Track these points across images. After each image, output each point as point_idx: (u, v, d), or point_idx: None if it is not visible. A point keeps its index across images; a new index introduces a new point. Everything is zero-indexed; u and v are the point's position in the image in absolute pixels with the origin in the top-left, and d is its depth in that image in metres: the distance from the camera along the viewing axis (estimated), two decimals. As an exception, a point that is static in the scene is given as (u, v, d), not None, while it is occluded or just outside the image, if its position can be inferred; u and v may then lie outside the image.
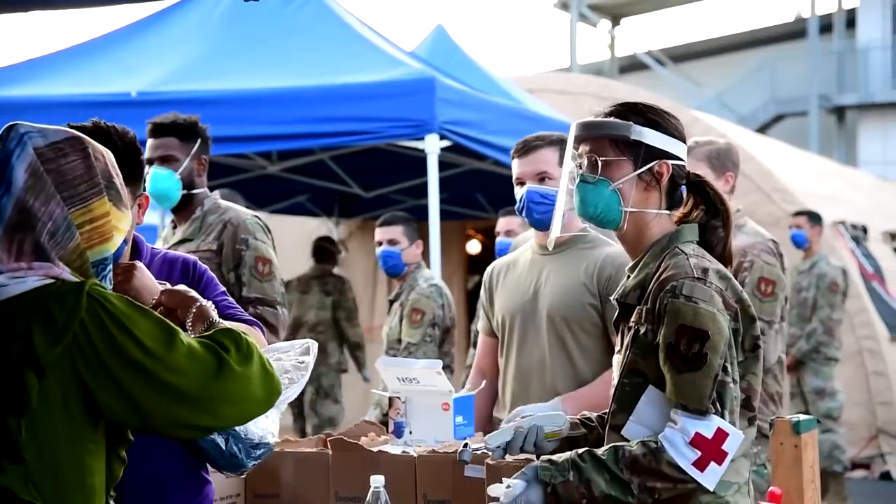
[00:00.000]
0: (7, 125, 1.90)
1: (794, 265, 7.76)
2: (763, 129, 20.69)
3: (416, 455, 2.86)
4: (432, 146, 5.78)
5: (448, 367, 5.25)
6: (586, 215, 2.34)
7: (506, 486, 2.21)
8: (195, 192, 3.93)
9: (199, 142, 3.92)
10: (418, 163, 6.41)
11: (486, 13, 56.57)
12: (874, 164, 19.92)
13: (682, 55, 24.83)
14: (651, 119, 2.31)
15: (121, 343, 1.79)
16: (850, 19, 22.94)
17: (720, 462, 2.15)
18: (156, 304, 2.18)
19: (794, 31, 23.91)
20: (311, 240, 8.57)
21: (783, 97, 22.21)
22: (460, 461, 2.40)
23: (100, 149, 1.95)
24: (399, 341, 5.44)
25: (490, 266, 3.54)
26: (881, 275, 10.34)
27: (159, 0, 6.46)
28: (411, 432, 3.11)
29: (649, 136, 2.29)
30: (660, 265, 2.26)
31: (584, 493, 2.17)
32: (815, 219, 8.01)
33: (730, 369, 2.17)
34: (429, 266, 5.79)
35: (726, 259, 2.34)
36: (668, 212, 2.33)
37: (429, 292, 5.43)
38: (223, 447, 2.37)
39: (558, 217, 2.45)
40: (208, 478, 2.67)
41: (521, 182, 3.31)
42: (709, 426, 2.13)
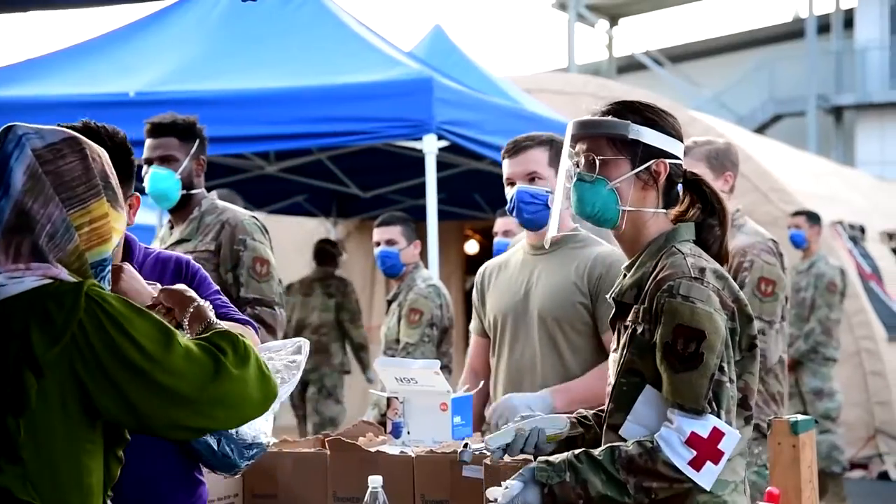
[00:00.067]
0: (5, 126, 1.90)
1: (793, 265, 7.74)
2: (761, 129, 20.69)
3: (414, 455, 2.85)
4: (430, 146, 5.78)
5: (446, 368, 5.25)
6: (584, 214, 2.34)
7: (503, 487, 2.21)
8: (193, 192, 3.93)
9: (197, 142, 3.92)
10: (416, 163, 6.40)
11: (484, 13, 56.64)
12: (872, 164, 19.92)
13: (680, 55, 24.81)
14: (648, 118, 2.31)
15: (118, 344, 1.79)
16: (848, 19, 22.94)
17: (716, 461, 2.15)
18: (154, 304, 2.18)
19: (792, 32, 23.92)
20: (309, 240, 8.56)
21: (781, 97, 22.22)
22: (460, 461, 2.40)
23: (96, 149, 1.95)
24: (397, 341, 5.44)
25: (482, 267, 3.55)
26: (879, 275, 10.33)
27: (157, 0, 6.46)
28: (409, 432, 3.11)
29: (647, 135, 2.29)
30: (657, 264, 2.26)
31: (581, 493, 2.17)
32: (813, 219, 7.99)
33: (726, 369, 2.17)
34: (427, 266, 5.79)
35: (722, 258, 2.34)
36: (665, 210, 2.33)
37: (427, 292, 5.42)
38: (215, 448, 2.37)
39: (555, 215, 2.44)
40: (202, 479, 2.67)
41: (511, 182, 3.32)
42: (705, 426, 2.13)
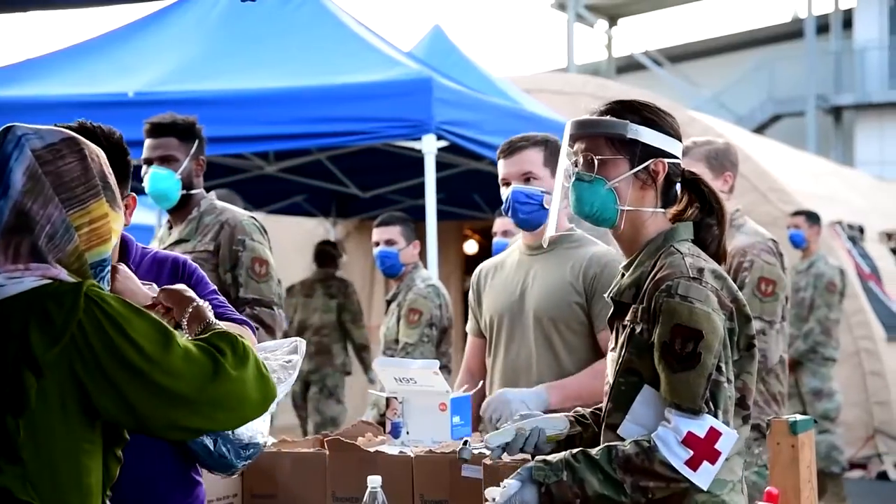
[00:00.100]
0: (4, 127, 1.91)
1: (792, 265, 7.73)
2: (760, 129, 20.70)
3: (413, 455, 2.86)
4: (429, 146, 5.78)
5: (445, 368, 5.25)
6: (582, 214, 2.34)
7: (501, 486, 2.21)
8: (192, 192, 3.93)
9: (197, 142, 3.92)
10: (415, 163, 6.40)
11: (484, 13, 56.64)
12: (871, 163, 19.93)
13: (679, 55, 24.82)
14: (647, 117, 2.31)
15: (117, 345, 1.79)
16: (847, 19, 22.95)
17: (713, 461, 2.15)
18: (153, 303, 2.18)
19: (791, 32, 23.93)
20: (308, 240, 8.56)
21: (780, 97, 22.23)
22: (460, 459, 2.40)
23: (94, 149, 1.95)
24: (396, 341, 5.44)
25: (478, 267, 3.56)
26: (878, 275, 10.33)
27: (157, 0, 6.46)
28: (408, 432, 3.11)
29: (645, 135, 2.29)
30: (655, 264, 2.26)
31: (578, 492, 2.17)
32: (813, 219, 7.99)
33: (724, 369, 2.17)
34: (426, 266, 5.79)
35: (720, 257, 2.34)
36: (664, 210, 2.33)
37: (426, 292, 5.42)
38: (212, 448, 2.37)
39: (553, 215, 2.44)
40: (199, 479, 2.66)
41: (506, 182, 3.34)
42: (701, 425, 2.13)
